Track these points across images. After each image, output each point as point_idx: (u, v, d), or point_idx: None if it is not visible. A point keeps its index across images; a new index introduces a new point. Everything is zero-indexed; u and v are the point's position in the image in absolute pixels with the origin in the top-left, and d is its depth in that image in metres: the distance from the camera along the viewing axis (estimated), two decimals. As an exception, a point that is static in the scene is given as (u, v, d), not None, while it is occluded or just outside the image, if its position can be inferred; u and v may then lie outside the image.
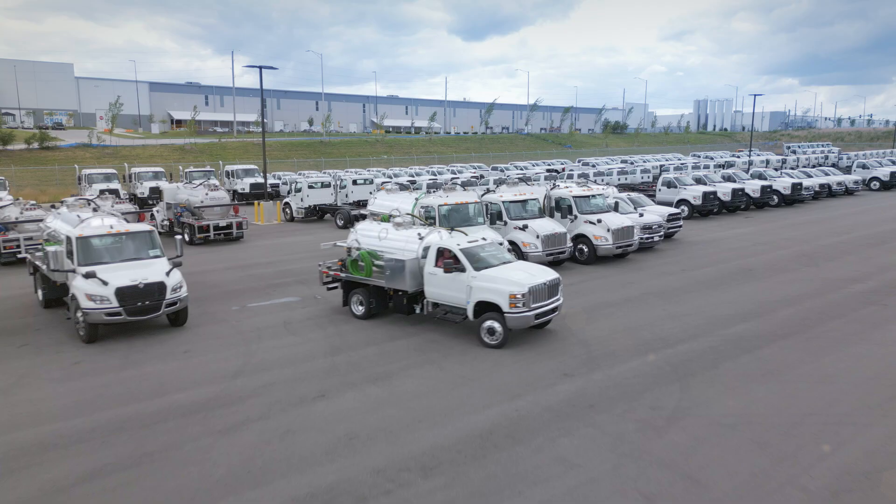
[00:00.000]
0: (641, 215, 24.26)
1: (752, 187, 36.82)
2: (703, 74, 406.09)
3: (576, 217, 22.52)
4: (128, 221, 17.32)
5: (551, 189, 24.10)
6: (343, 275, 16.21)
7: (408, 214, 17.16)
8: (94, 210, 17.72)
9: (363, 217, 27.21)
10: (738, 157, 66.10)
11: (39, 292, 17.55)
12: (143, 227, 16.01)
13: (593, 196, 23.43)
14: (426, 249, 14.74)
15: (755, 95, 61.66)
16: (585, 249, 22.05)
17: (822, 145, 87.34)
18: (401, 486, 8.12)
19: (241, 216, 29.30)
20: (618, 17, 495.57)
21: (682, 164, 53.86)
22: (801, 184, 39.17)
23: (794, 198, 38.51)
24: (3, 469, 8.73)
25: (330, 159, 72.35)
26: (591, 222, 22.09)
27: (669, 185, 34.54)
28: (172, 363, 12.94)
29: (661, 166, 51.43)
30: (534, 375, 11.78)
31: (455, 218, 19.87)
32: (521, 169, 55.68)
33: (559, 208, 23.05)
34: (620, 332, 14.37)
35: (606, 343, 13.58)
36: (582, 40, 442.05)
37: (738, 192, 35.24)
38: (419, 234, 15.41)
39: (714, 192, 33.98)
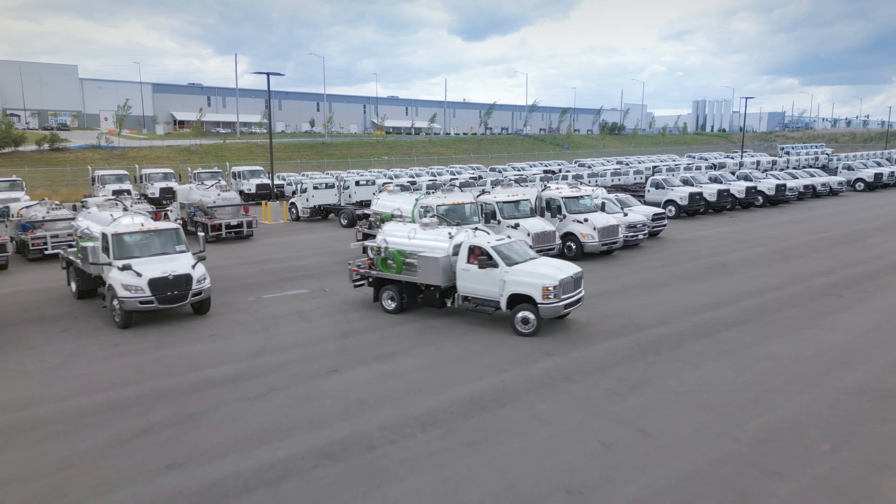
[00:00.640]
0: (626, 215, 25.96)
1: (738, 188, 38.51)
2: (703, 74, 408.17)
3: (565, 216, 24.23)
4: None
5: (542, 190, 25.81)
6: (373, 272, 17.43)
7: (435, 216, 18.65)
8: (124, 210, 19.43)
9: (367, 216, 28.95)
10: (732, 158, 67.78)
11: (73, 284, 19.23)
12: (171, 224, 17.73)
13: (581, 197, 25.13)
14: (457, 247, 15.99)
15: (746, 98, 63.55)
16: (573, 246, 23.76)
17: (816, 146, 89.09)
18: (403, 437, 9.83)
19: (251, 215, 31.01)
20: (618, 17, 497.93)
21: (675, 164, 55.42)
22: (784, 185, 40.83)
23: (778, 198, 40.19)
24: (71, 426, 10.45)
25: (332, 160, 74.05)
26: (578, 221, 23.81)
27: (658, 186, 36.18)
28: (201, 345, 14.64)
29: (654, 167, 53.00)
30: (519, 354, 13.49)
31: (452, 217, 21.40)
32: (519, 170, 57.44)
33: (549, 208, 24.75)
34: (599, 318, 16.07)
35: (585, 328, 15.29)
36: (582, 40, 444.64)
37: (723, 193, 36.90)
38: (449, 233, 16.72)
39: (700, 193, 35.64)
